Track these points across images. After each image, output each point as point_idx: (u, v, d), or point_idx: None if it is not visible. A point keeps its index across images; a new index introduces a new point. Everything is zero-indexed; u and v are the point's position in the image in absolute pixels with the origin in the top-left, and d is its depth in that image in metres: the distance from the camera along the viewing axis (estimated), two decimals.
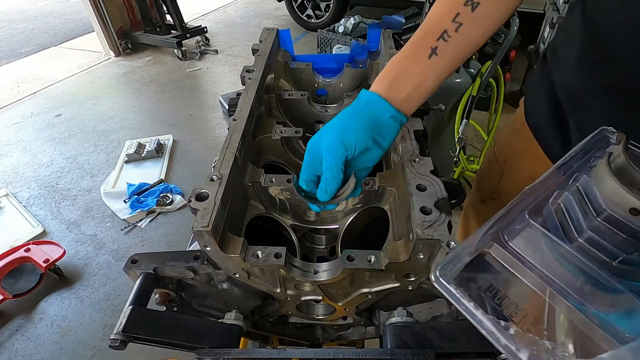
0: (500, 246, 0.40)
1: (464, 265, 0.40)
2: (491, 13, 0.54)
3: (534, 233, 0.40)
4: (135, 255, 0.61)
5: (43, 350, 1.69)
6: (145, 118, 3.25)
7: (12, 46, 4.91)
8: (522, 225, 0.41)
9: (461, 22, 0.53)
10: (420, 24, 0.58)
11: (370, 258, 0.55)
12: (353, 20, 3.59)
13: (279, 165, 0.86)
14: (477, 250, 0.41)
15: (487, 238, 0.41)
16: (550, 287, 0.36)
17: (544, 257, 0.38)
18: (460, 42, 0.55)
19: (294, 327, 0.81)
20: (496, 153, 0.96)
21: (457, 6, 0.53)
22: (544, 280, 0.37)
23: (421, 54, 0.55)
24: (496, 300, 0.38)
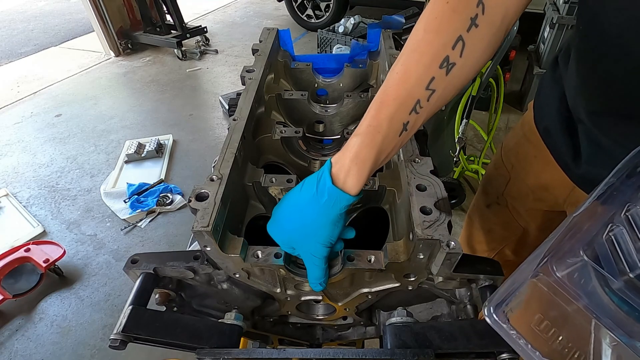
0: (549, 278, 0.39)
1: (519, 304, 0.40)
2: (466, 73, 0.50)
3: (584, 266, 0.39)
4: (135, 255, 0.61)
5: (43, 350, 1.69)
6: (145, 118, 3.25)
7: (12, 46, 4.91)
8: (573, 257, 0.40)
9: (434, 89, 0.48)
10: (390, 84, 0.50)
11: (370, 258, 0.55)
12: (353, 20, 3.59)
13: (279, 165, 0.86)
14: (530, 279, 0.40)
15: (539, 269, 0.40)
16: (598, 321, 0.36)
17: (593, 291, 0.38)
18: (429, 111, 0.51)
19: (294, 327, 0.81)
20: (503, 158, 0.93)
21: (432, 69, 0.48)
22: (593, 314, 0.37)
23: (394, 133, 0.50)
24: (546, 334, 0.38)
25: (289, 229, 0.53)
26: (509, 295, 0.40)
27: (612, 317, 0.36)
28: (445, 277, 0.56)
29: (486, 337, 0.49)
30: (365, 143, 0.50)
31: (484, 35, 0.48)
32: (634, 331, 0.34)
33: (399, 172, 0.67)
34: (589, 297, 0.37)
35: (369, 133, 0.50)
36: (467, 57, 0.48)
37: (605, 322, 0.36)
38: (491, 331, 0.50)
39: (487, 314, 0.40)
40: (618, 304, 0.36)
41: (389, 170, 0.72)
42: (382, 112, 0.49)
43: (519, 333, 0.38)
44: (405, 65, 0.50)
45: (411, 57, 0.49)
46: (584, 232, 0.41)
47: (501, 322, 0.39)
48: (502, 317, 0.39)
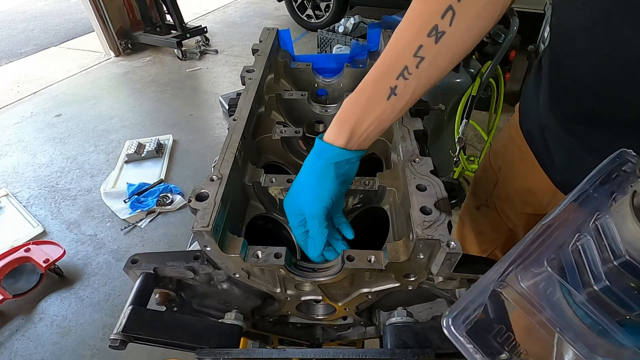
0: (514, 288, 0.38)
1: (477, 317, 0.38)
2: (456, 43, 0.49)
3: (550, 277, 0.38)
4: (135, 255, 0.61)
5: (43, 350, 1.69)
6: (145, 118, 3.25)
7: (12, 46, 4.91)
8: (538, 269, 0.39)
9: (423, 56, 0.49)
10: (382, 52, 0.53)
11: (370, 258, 0.55)
12: (353, 20, 3.59)
13: (279, 165, 0.86)
14: (491, 293, 0.39)
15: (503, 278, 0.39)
16: (560, 335, 0.35)
17: (558, 303, 0.37)
18: (420, 78, 0.51)
19: (294, 327, 0.81)
20: (491, 160, 0.92)
21: (421, 37, 0.49)
22: (555, 327, 0.35)
23: (379, 95, 0.52)
24: (506, 348, 0.37)
25: (291, 193, 0.60)
26: (471, 305, 0.39)
27: (574, 330, 0.34)
28: (445, 277, 0.56)
29: None
30: (350, 103, 0.55)
31: (474, 5, 0.47)
32: (596, 345, 0.33)
33: (398, 172, 0.67)
34: (553, 309, 0.36)
35: (354, 94, 0.55)
36: (456, 26, 0.48)
37: (567, 335, 0.34)
38: None
39: (445, 325, 0.38)
40: (581, 317, 0.35)
41: (389, 170, 0.72)
42: (369, 75, 0.53)
43: (475, 347, 0.36)
44: (396, 34, 0.52)
45: (402, 26, 0.51)
46: (552, 240, 0.39)
47: (458, 335, 0.37)
48: (460, 329, 0.38)
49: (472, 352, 0.36)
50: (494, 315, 0.39)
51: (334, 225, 0.63)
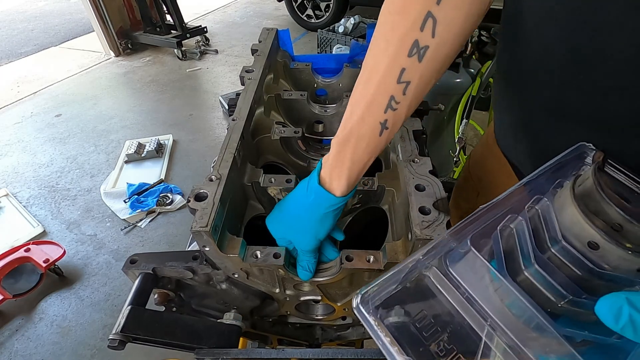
0: (440, 272, 0.35)
1: (389, 294, 0.35)
2: (443, 54, 0.42)
3: (478, 261, 0.35)
4: (134, 256, 0.61)
5: (43, 350, 1.69)
6: (145, 118, 3.25)
7: (12, 46, 4.91)
8: (466, 251, 0.35)
9: (408, 81, 0.43)
10: (359, 78, 0.47)
11: (369, 258, 0.55)
12: (353, 20, 3.59)
13: (278, 165, 0.86)
14: (414, 274, 0.36)
15: (428, 260, 0.36)
16: (486, 323, 0.32)
17: (485, 289, 0.33)
18: (410, 102, 0.45)
19: (293, 327, 0.81)
20: (471, 170, 0.87)
21: (401, 59, 0.41)
22: (482, 315, 0.32)
23: (370, 134, 0.47)
24: (424, 333, 0.34)
25: (283, 223, 0.58)
26: (389, 286, 0.36)
27: (501, 319, 0.31)
28: None
29: None
30: (341, 145, 0.49)
31: (456, 7, 0.39)
32: (522, 335, 0.30)
33: (398, 172, 0.67)
34: (479, 295, 0.33)
35: (343, 136, 0.49)
36: (441, 35, 0.40)
37: (493, 323, 0.31)
38: None
39: (354, 304, 0.35)
40: (509, 307, 0.32)
41: (388, 170, 0.72)
42: (354, 114, 0.47)
43: (386, 329, 0.33)
44: (372, 57, 0.45)
45: (377, 45, 0.44)
46: (486, 223, 0.37)
47: (366, 314, 0.34)
48: (371, 310, 0.34)
49: (378, 331, 0.33)
50: (417, 298, 0.36)
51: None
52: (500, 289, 0.33)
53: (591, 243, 0.30)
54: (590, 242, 0.30)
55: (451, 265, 0.35)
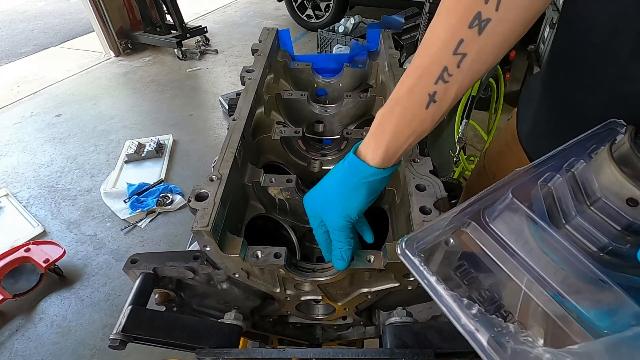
0: (479, 226, 0.36)
1: (434, 241, 0.36)
2: (504, 32, 0.40)
3: (517, 215, 0.36)
4: (134, 255, 0.61)
5: (43, 350, 1.69)
6: (145, 118, 3.25)
7: (12, 46, 4.91)
8: (505, 205, 0.36)
9: (465, 53, 0.41)
10: (415, 55, 0.46)
11: (370, 258, 0.55)
12: (353, 20, 3.60)
13: (278, 165, 0.86)
14: (453, 228, 0.37)
15: (466, 216, 0.37)
16: (528, 274, 0.33)
17: (525, 242, 0.34)
18: (463, 79, 0.43)
19: (294, 327, 0.81)
20: (486, 166, 0.88)
21: (461, 30, 0.40)
22: (523, 266, 0.33)
23: (417, 105, 0.45)
24: (466, 282, 0.34)
25: (316, 197, 0.56)
26: (428, 236, 0.37)
27: (544, 270, 0.32)
28: None
29: None
30: (385, 116, 0.48)
31: None
32: (567, 286, 0.31)
33: (398, 171, 0.67)
34: (519, 248, 0.34)
35: (388, 106, 0.48)
36: (505, 9, 0.38)
37: (535, 274, 0.32)
38: None
39: (399, 248, 0.36)
40: (551, 257, 0.33)
41: None
42: (404, 85, 0.46)
43: (428, 268, 0.34)
44: (431, 29, 0.43)
45: (437, 18, 0.43)
46: (523, 181, 0.38)
47: (410, 255, 0.36)
48: (413, 251, 0.36)
49: (423, 270, 0.34)
50: (457, 252, 0.37)
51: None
52: (543, 241, 0.33)
53: (631, 199, 0.32)
54: (630, 199, 0.32)
55: (490, 220, 0.36)
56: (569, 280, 0.32)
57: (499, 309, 0.32)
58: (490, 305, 0.32)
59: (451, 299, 0.32)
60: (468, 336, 0.31)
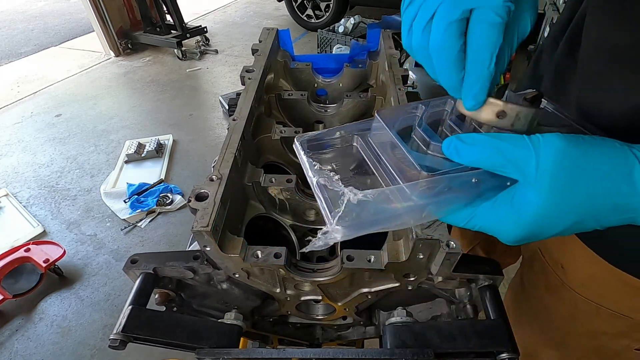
0: (362, 139, 0.47)
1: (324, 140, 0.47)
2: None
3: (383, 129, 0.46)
4: (134, 255, 0.61)
5: (43, 350, 1.69)
6: (145, 118, 3.25)
7: (12, 46, 4.91)
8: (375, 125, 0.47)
9: None
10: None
11: (370, 258, 0.55)
12: (353, 20, 3.60)
13: (278, 165, 0.86)
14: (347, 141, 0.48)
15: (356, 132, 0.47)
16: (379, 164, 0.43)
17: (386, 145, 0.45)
18: None
19: (294, 327, 0.81)
20: None
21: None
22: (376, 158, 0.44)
23: None
24: (334, 165, 0.44)
25: None
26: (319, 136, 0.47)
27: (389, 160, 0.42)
28: (444, 277, 0.56)
29: (486, 337, 0.49)
30: None
31: None
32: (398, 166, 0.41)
33: None
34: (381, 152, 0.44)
35: None
36: None
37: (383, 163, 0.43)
38: (491, 331, 0.50)
39: (296, 139, 0.45)
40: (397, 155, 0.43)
41: None
42: None
43: (309, 155, 0.44)
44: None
45: None
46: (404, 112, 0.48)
47: (299, 144, 0.45)
48: (304, 146, 0.45)
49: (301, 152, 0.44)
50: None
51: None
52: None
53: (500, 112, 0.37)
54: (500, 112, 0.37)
55: (370, 136, 0.47)
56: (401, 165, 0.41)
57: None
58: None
59: (307, 162, 0.42)
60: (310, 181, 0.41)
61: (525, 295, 0.79)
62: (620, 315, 0.60)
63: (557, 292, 0.68)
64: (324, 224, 0.79)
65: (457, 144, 0.36)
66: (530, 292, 0.77)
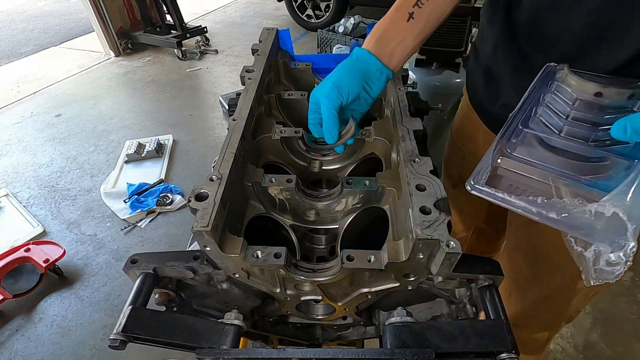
0: (507, 157, 0.52)
1: (487, 175, 0.51)
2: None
3: (528, 140, 0.53)
4: (135, 255, 0.61)
5: (43, 350, 1.69)
6: (145, 118, 3.25)
7: (12, 46, 4.91)
8: (518, 136, 0.53)
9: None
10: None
11: (370, 258, 0.55)
12: (353, 20, 3.59)
13: (278, 165, 0.86)
14: (493, 164, 0.52)
15: (497, 156, 0.52)
16: (550, 173, 0.48)
17: (540, 154, 0.51)
18: (432, 7, 0.66)
19: (294, 327, 0.81)
20: (455, 139, 1.05)
21: None
22: (545, 170, 0.49)
23: (400, 18, 0.67)
24: (516, 193, 0.49)
25: (323, 83, 0.67)
26: (481, 173, 0.51)
27: (559, 166, 0.49)
28: (444, 277, 0.56)
29: (486, 337, 0.49)
30: (379, 22, 0.70)
31: None
32: (577, 170, 0.48)
33: (398, 172, 0.67)
34: (539, 160, 0.50)
35: (381, 20, 0.70)
36: None
37: (555, 172, 0.48)
38: (491, 331, 0.50)
39: (469, 186, 0.50)
40: (562, 156, 0.50)
41: (389, 170, 0.72)
42: (394, 5, 0.69)
43: (497, 189, 0.49)
44: None
45: None
46: (519, 118, 0.55)
47: (480, 186, 0.49)
48: (480, 184, 0.49)
49: (494, 192, 0.48)
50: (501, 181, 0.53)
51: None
52: (552, 149, 0.50)
53: (597, 93, 0.49)
54: (597, 93, 0.49)
55: (512, 151, 0.52)
56: (578, 167, 0.48)
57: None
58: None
59: (523, 202, 0.46)
60: (542, 218, 0.45)
61: (537, 247, 0.90)
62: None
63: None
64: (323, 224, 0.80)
65: (634, 125, 0.43)
66: (542, 242, 0.88)
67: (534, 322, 1.01)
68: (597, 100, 0.49)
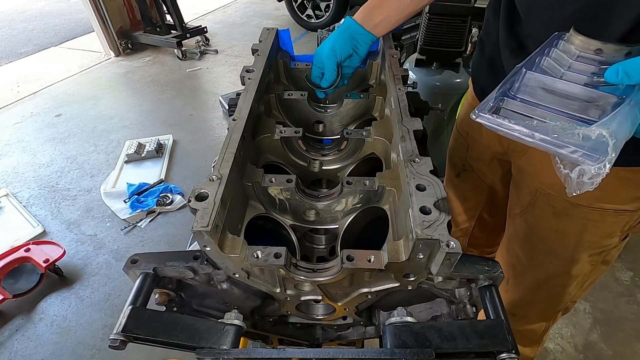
0: (510, 98, 0.56)
1: (492, 107, 0.54)
2: None
3: (530, 84, 0.57)
4: (135, 255, 0.61)
5: (43, 350, 1.69)
6: (145, 118, 3.25)
7: (12, 46, 4.91)
8: (521, 79, 0.57)
9: None
10: None
11: (370, 258, 0.55)
12: None
13: (278, 165, 0.86)
14: (496, 103, 0.55)
15: (499, 96, 0.56)
16: (549, 113, 0.53)
17: (541, 96, 0.55)
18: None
19: (294, 327, 0.81)
20: (459, 129, 1.09)
21: None
22: (545, 110, 0.54)
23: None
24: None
25: (323, 45, 0.90)
26: (484, 106, 0.54)
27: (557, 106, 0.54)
28: (444, 277, 0.56)
29: (486, 337, 0.49)
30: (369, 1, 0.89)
31: None
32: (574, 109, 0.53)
33: (398, 172, 0.67)
34: (540, 101, 0.55)
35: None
36: None
37: (553, 110, 0.53)
38: (491, 331, 0.50)
39: (474, 115, 0.53)
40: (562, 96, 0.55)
41: (389, 170, 0.72)
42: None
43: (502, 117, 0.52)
44: None
45: None
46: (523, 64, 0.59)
47: (484, 114, 0.52)
48: (485, 112, 0.53)
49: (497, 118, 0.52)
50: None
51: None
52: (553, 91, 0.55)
53: (597, 49, 0.53)
54: (597, 49, 0.53)
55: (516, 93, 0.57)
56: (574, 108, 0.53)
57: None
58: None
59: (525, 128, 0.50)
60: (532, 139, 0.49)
61: (534, 233, 0.93)
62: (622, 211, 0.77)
63: (565, 214, 0.83)
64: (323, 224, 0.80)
65: (626, 69, 0.47)
66: (538, 227, 0.91)
67: (531, 310, 1.03)
68: (596, 56, 0.54)
